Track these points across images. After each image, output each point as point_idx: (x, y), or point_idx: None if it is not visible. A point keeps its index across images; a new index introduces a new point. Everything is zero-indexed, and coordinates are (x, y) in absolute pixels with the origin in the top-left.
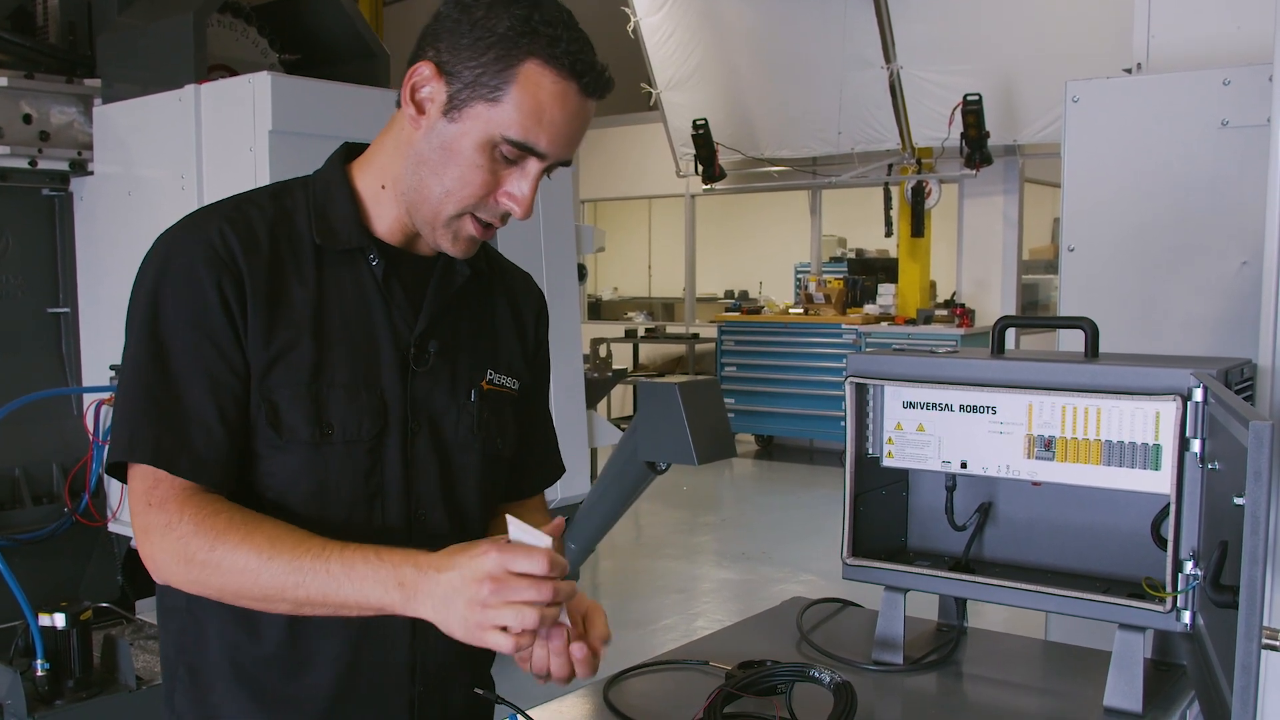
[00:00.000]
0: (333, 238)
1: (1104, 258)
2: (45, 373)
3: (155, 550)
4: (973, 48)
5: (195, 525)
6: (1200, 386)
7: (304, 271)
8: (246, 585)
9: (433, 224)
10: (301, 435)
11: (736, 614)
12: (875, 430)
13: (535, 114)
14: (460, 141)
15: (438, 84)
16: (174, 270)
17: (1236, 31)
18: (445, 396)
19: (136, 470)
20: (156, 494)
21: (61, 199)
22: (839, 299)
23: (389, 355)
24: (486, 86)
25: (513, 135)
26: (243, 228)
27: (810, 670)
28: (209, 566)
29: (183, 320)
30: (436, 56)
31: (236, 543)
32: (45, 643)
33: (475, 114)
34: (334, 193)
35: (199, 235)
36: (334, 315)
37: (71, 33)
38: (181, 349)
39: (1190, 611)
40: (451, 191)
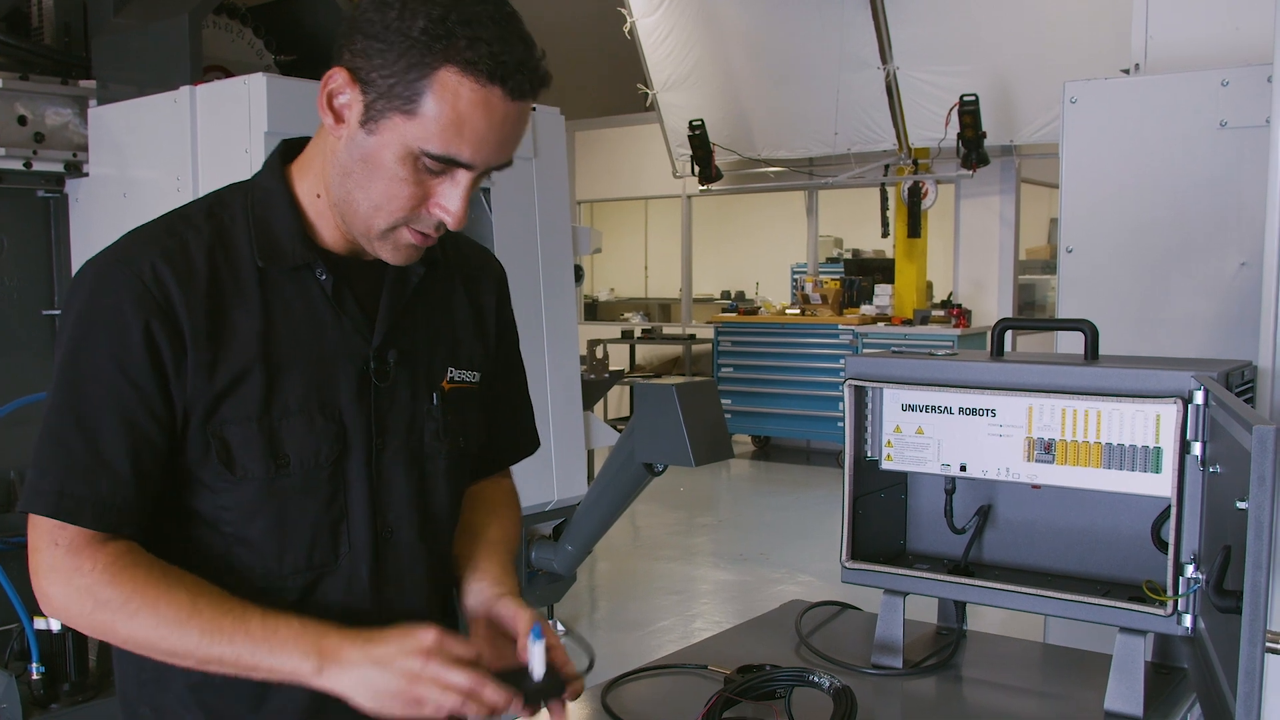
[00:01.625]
0: (277, 256)
1: (1102, 259)
2: (40, 375)
3: (56, 589)
4: (969, 48)
5: (110, 575)
6: (1201, 389)
7: (247, 295)
8: (156, 639)
9: (367, 236)
10: (256, 471)
11: (734, 615)
12: (874, 433)
13: (455, 126)
14: (380, 154)
15: (353, 92)
16: (99, 308)
17: (1235, 32)
18: (407, 406)
19: (42, 519)
20: (64, 535)
21: (56, 200)
22: (835, 299)
23: (346, 373)
24: (401, 97)
25: (433, 149)
26: (178, 258)
27: (809, 674)
28: (120, 616)
29: (102, 362)
30: (351, 62)
31: (155, 598)
32: (40, 646)
33: (392, 126)
34: (274, 202)
35: (129, 271)
36: (283, 338)
37: (67, 34)
38: (97, 392)
39: (1191, 615)
40: (379, 205)
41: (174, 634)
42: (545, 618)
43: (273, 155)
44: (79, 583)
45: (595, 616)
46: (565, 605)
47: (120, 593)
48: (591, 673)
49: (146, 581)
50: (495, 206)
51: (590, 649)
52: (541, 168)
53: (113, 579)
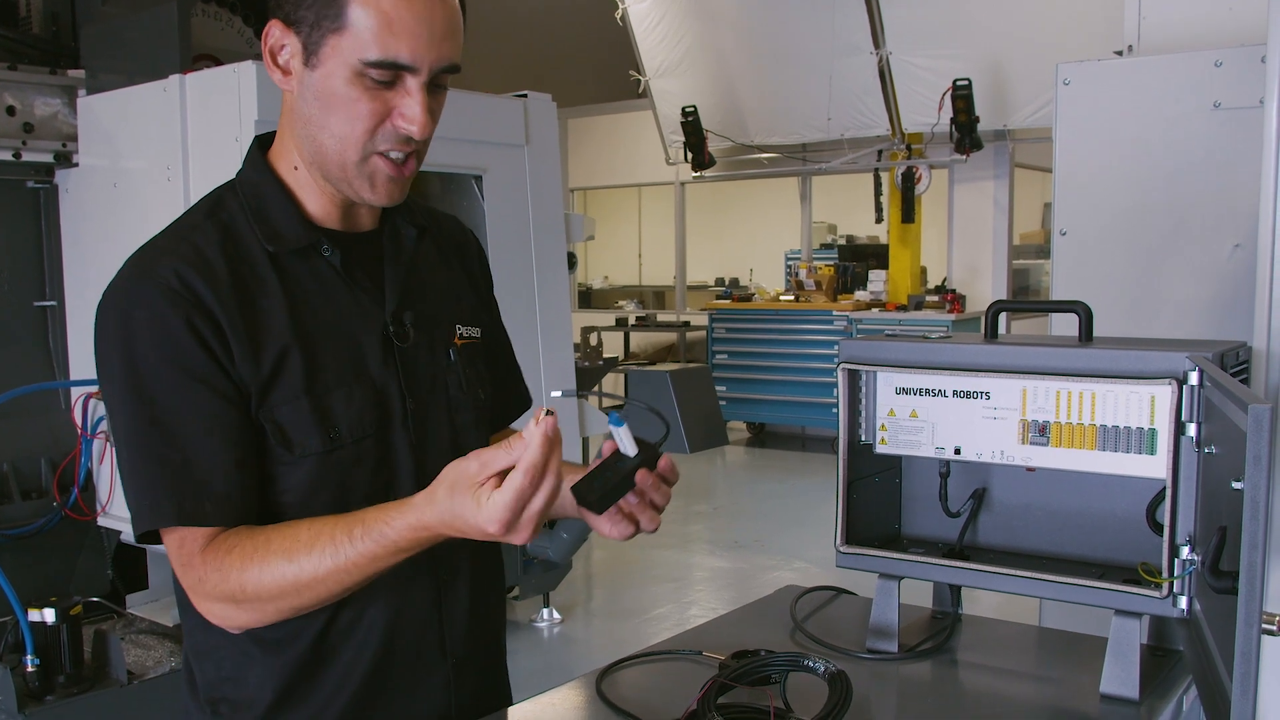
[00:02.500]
0: (281, 240)
1: (1096, 241)
2: (32, 367)
3: (208, 609)
4: (962, 33)
5: (216, 571)
6: (1196, 370)
7: (266, 282)
8: (291, 602)
9: (345, 178)
10: (313, 447)
11: (730, 602)
12: (868, 417)
13: (385, 26)
14: (329, 83)
15: (290, 38)
16: (138, 323)
17: (1228, 13)
18: (430, 364)
19: (167, 533)
20: (184, 552)
21: (47, 191)
22: (830, 285)
23: (371, 341)
24: (328, 18)
25: (371, 56)
26: (195, 259)
27: (804, 659)
28: (253, 601)
29: (163, 368)
30: (279, 11)
31: (258, 568)
32: (35, 638)
33: (330, 50)
34: (265, 191)
35: (154, 282)
36: (308, 317)
37: (55, 23)
38: (170, 398)
39: (1187, 597)
40: (344, 136)
41: (305, 549)
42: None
43: (251, 149)
44: (212, 591)
45: (591, 604)
46: (561, 593)
47: (236, 579)
48: (589, 661)
49: (246, 558)
50: (487, 194)
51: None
52: (534, 155)
53: (222, 573)
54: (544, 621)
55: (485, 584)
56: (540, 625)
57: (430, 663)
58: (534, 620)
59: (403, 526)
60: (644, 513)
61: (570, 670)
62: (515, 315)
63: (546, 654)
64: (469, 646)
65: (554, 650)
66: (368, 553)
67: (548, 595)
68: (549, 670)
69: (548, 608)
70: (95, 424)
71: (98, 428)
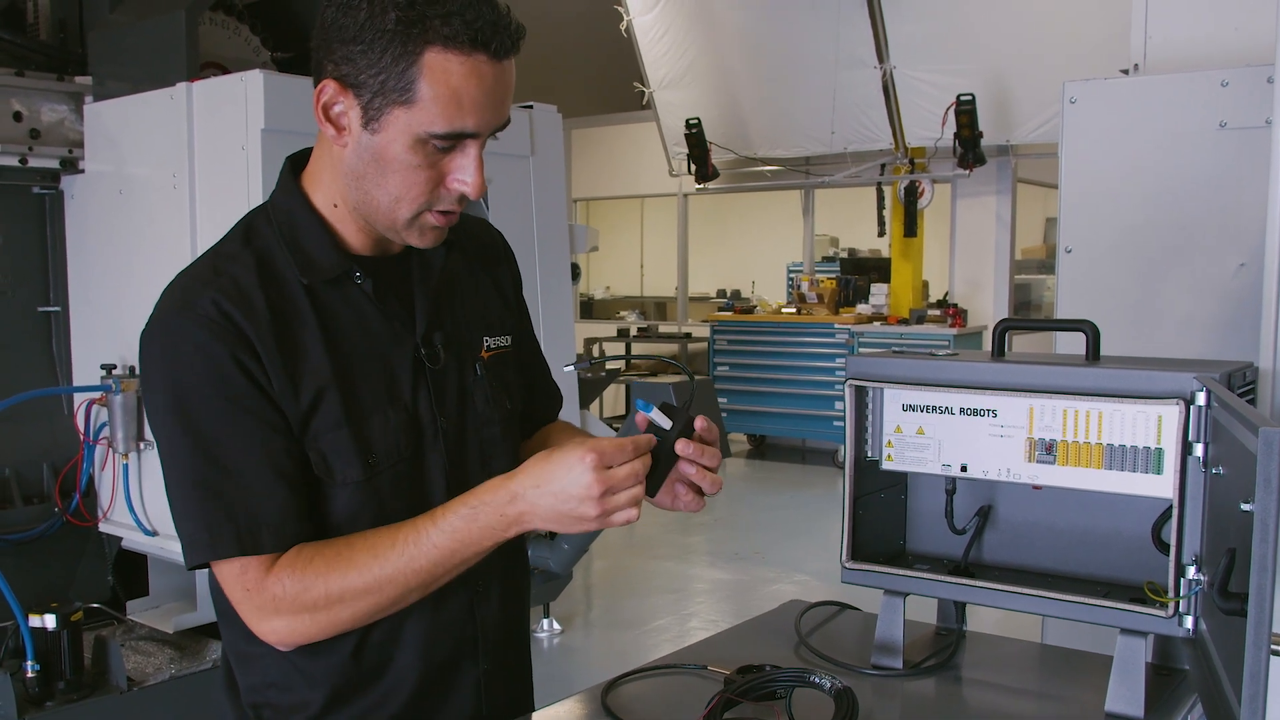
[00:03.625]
0: (315, 270)
1: (1101, 259)
2: (36, 372)
3: (273, 626)
4: (966, 48)
5: (298, 583)
6: (1203, 390)
7: (302, 312)
8: (373, 601)
9: (393, 228)
10: (353, 475)
11: (730, 614)
12: (875, 433)
13: (454, 101)
14: (389, 149)
15: (346, 99)
16: (184, 354)
17: (1234, 33)
18: (459, 381)
19: (225, 563)
20: (247, 578)
21: (52, 197)
22: (832, 299)
23: (403, 364)
24: (395, 90)
25: (438, 130)
26: (232, 291)
27: (810, 675)
28: (332, 607)
29: (212, 400)
30: (336, 71)
31: (343, 571)
32: (35, 644)
33: (394, 120)
34: (299, 221)
35: (195, 315)
36: (344, 346)
37: (62, 30)
38: (220, 430)
39: (1193, 616)
40: (399, 197)
41: (391, 554)
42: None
43: (284, 174)
44: (286, 609)
45: (591, 615)
46: (561, 603)
47: (316, 590)
48: (589, 672)
49: (327, 567)
50: (492, 204)
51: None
52: (538, 165)
53: (303, 584)
54: (544, 632)
55: (515, 594)
56: (540, 636)
57: (465, 670)
58: (534, 631)
59: (488, 496)
60: (702, 479)
61: (570, 681)
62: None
63: (547, 665)
64: (500, 654)
65: (554, 661)
66: (455, 531)
67: (548, 606)
68: (549, 681)
69: (548, 618)
70: (98, 430)
71: (100, 433)
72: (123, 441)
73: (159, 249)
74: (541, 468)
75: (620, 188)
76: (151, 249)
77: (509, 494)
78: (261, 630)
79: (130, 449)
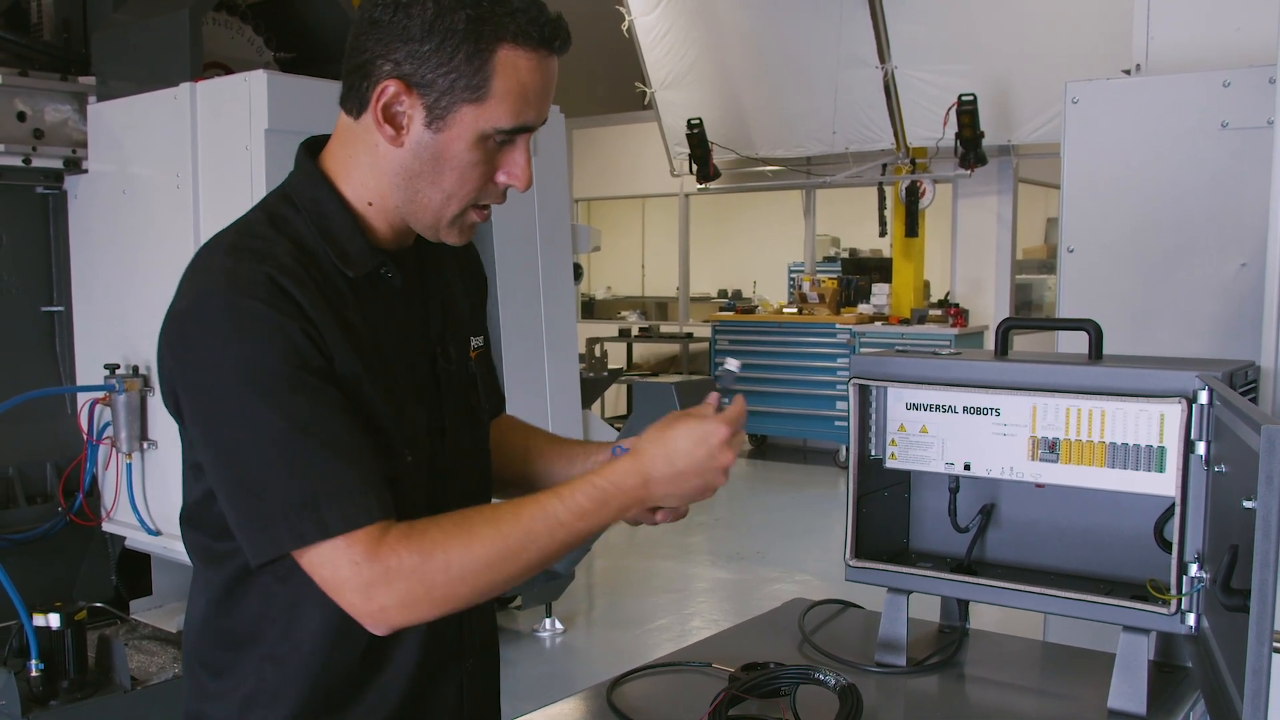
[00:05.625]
0: (351, 263)
1: (1103, 258)
2: (39, 372)
3: (382, 603)
4: (967, 48)
5: (416, 554)
6: (1205, 389)
7: (347, 301)
8: (491, 577)
9: (436, 226)
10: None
11: (732, 614)
12: (878, 432)
13: (522, 96)
14: (452, 147)
15: (410, 98)
16: (253, 329)
17: (1236, 33)
18: (461, 379)
19: (324, 545)
20: (357, 550)
21: (56, 197)
22: (833, 299)
23: (421, 361)
24: (467, 89)
25: (505, 125)
26: (284, 269)
27: (815, 672)
28: (451, 580)
29: (293, 373)
30: (398, 70)
31: (466, 543)
32: (39, 643)
33: (461, 117)
34: (328, 211)
35: (255, 289)
36: (380, 340)
37: (66, 30)
38: (306, 401)
39: (1195, 614)
40: (452, 194)
41: (515, 529)
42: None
43: (304, 161)
44: (401, 582)
45: (592, 614)
46: (563, 603)
47: (438, 561)
48: (591, 671)
49: (444, 536)
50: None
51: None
52: (540, 166)
53: (423, 557)
54: (546, 631)
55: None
56: (542, 635)
57: (450, 670)
58: (536, 630)
59: (614, 474)
60: None
61: (572, 680)
62: (521, 326)
63: (549, 664)
64: (480, 651)
65: (556, 660)
66: (578, 508)
67: (550, 605)
68: (551, 680)
69: (550, 617)
70: (101, 429)
71: (103, 433)
72: (126, 441)
73: (162, 249)
74: (673, 449)
75: (622, 188)
76: (155, 249)
77: (641, 479)
78: (367, 608)
79: (134, 448)
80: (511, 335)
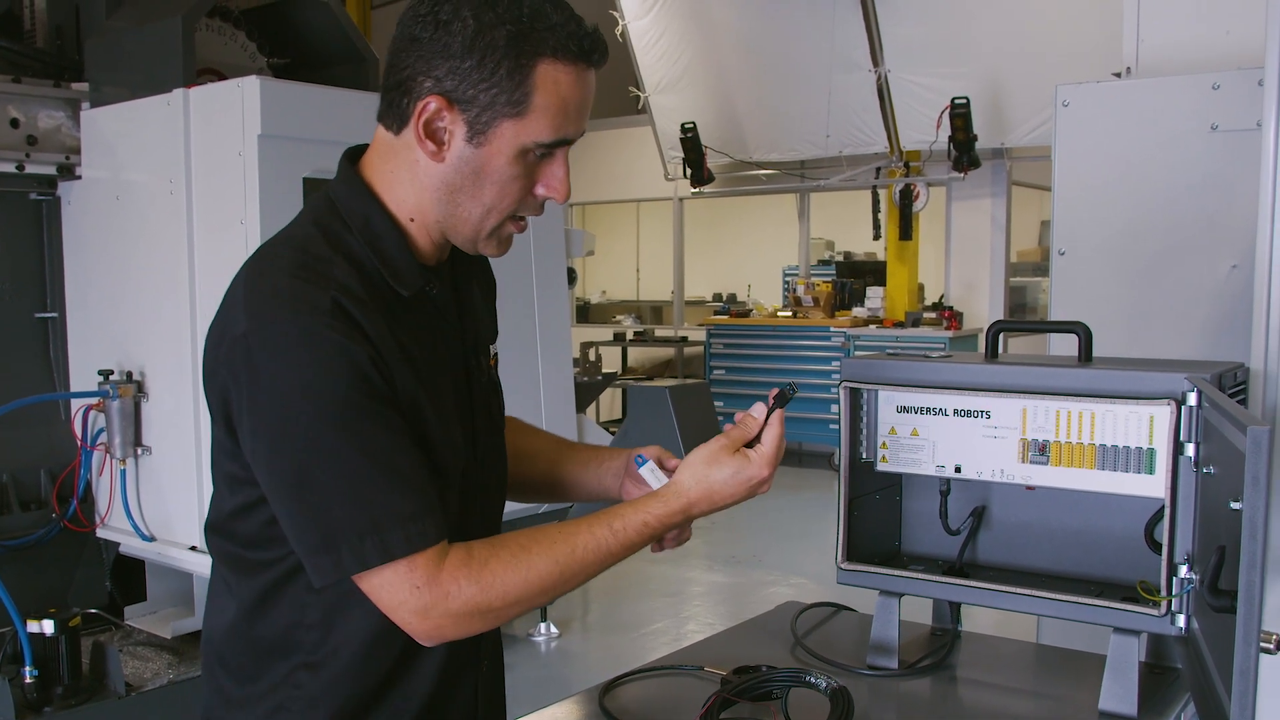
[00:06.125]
0: (403, 282)
1: (1094, 261)
2: (33, 378)
3: (437, 624)
4: (960, 51)
5: (475, 584)
6: (1194, 390)
7: (401, 321)
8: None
9: (475, 239)
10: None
11: (727, 617)
12: (869, 435)
13: (562, 111)
14: (493, 161)
15: (451, 114)
16: (323, 356)
17: (1226, 36)
18: (485, 390)
19: (386, 568)
20: (418, 574)
21: (49, 203)
22: (827, 302)
23: (458, 374)
24: (508, 104)
25: (545, 139)
26: (349, 293)
27: (806, 675)
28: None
29: (361, 401)
30: (439, 87)
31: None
32: (33, 649)
33: (502, 132)
34: (378, 229)
35: (323, 315)
36: (428, 358)
37: (59, 36)
38: (373, 429)
39: (1185, 615)
40: (492, 208)
41: (570, 561)
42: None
43: (351, 174)
44: (458, 604)
45: (588, 618)
46: (558, 607)
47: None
48: (586, 675)
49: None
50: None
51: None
52: None
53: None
54: (541, 636)
55: None
56: (538, 639)
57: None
58: (531, 634)
59: (663, 513)
60: None
61: (568, 684)
62: (515, 331)
63: (544, 668)
64: (493, 653)
65: (551, 664)
66: (628, 543)
67: (545, 610)
68: (547, 684)
69: (545, 622)
70: (95, 435)
71: (97, 439)
72: (120, 447)
73: (156, 255)
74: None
75: (616, 192)
76: (148, 255)
77: (686, 518)
78: (423, 627)
79: (128, 454)
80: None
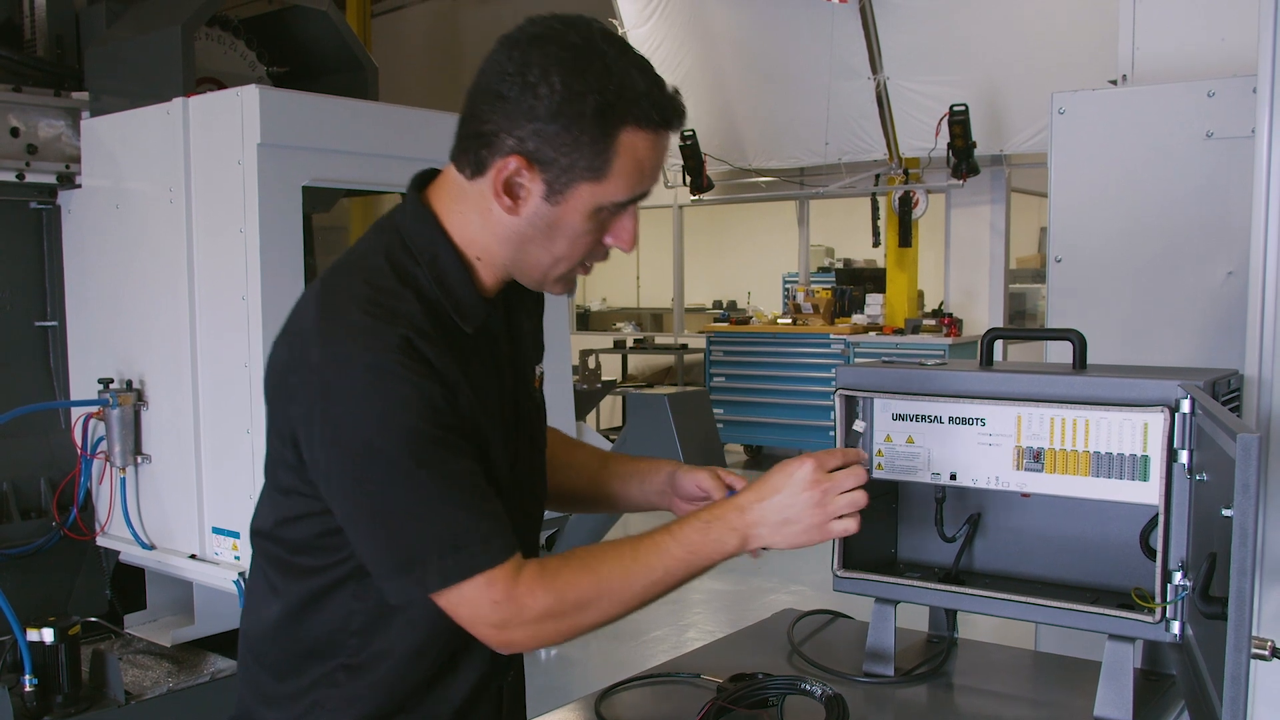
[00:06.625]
0: (466, 318)
1: (1091, 268)
2: (33, 386)
3: (515, 636)
4: (959, 58)
5: (550, 594)
6: (1188, 398)
7: (467, 356)
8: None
9: (542, 282)
10: None
11: (727, 625)
12: (865, 442)
13: (638, 172)
14: (568, 219)
15: (530, 174)
16: (400, 393)
17: (1220, 43)
18: (531, 413)
19: (465, 584)
20: (497, 589)
21: (49, 212)
22: (827, 309)
23: (510, 406)
24: (589, 169)
25: (621, 199)
26: (420, 330)
27: (802, 683)
28: (581, 615)
29: (438, 435)
30: (521, 147)
31: (594, 584)
32: (33, 658)
33: (579, 193)
34: (445, 265)
35: (398, 353)
36: (489, 390)
37: (59, 46)
38: (448, 458)
39: (1179, 622)
40: (562, 257)
41: (636, 564)
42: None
43: (420, 207)
44: (533, 618)
45: None
46: None
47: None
48: (586, 684)
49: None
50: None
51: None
52: None
53: (557, 596)
54: None
55: None
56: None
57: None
58: None
59: (724, 518)
60: None
61: (568, 692)
62: None
63: (544, 675)
64: (517, 660)
65: (551, 672)
66: (693, 549)
67: None
68: (547, 692)
69: None
70: (95, 444)
71: (97, 447)
72: (120, 455)
73: (156, 263)
74: (763, 481)
75: None
76: (148, 263)
77: (737, 507)
78: (500, 639)
79: (128, 463)
80: None
